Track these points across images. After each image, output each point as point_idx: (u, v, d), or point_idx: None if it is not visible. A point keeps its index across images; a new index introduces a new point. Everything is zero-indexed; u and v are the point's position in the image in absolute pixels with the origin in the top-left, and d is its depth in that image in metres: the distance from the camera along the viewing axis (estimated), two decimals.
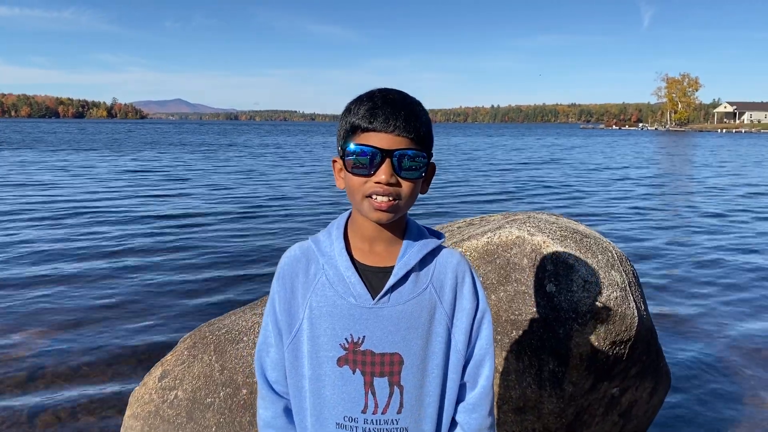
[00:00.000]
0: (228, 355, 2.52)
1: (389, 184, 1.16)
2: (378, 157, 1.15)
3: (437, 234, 1.33)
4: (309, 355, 1.26)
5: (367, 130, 1.16)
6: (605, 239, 2.75)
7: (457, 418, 1.33)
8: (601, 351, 2.43)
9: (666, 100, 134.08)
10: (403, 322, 1.24)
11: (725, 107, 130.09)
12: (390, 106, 1.16)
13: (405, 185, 1.18)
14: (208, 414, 2.41)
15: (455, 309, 1.29)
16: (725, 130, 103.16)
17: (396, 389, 1.25)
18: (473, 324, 1.30)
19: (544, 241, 2.52)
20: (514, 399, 2.46)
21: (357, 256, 1.26)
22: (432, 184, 1.31)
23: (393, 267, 1.24)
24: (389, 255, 1.26)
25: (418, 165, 1.18)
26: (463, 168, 23.81)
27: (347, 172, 1.20)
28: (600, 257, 2.52)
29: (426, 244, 1.28)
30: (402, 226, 1.28)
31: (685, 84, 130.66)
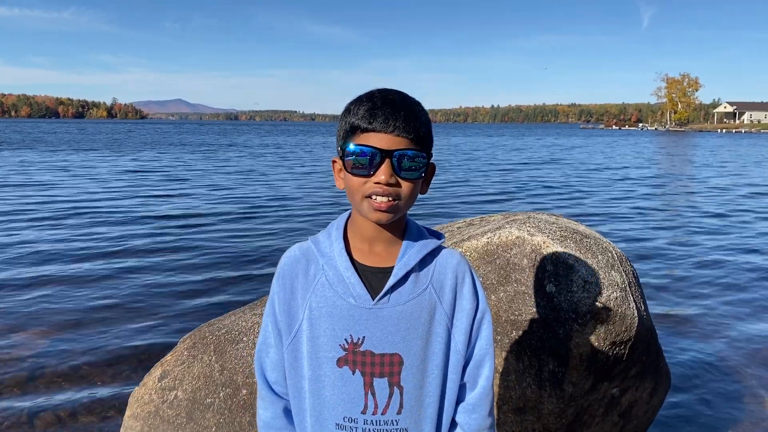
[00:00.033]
0: (228, 356, 2.51)
1: (389, 184, 1.16)
2: (378, 158, 1.15)
3: (437, 234, 1.33)
4: (309, 356, 1.26)
5: (367, 130, 1.16)
6: (605, 239, 2.75)
7: (457, 418, 1.33)
8: (601, 351, 2.43)
9: (666, 100, 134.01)
10: (403, 322, 1.23)
11: (725, 107, 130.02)
12: (390, 106, 1.16)
13: (405, 185, 1.18)
14: (207, 414, 2.41)
15: (455, 309, 1.29)
16: (725, 130, 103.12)
17: (396, 390, 1.25)
18: (473, 324, 1.30)
19: (544, 242, 2.52)
20: (514, 399, 2.46)
21: (357, 256, 1.26)
22: (432, 184, 1.31)
23: (393, 267, 1.24)
24: (389, 255, 1.26)
25: (417, 165, 1.18)
26: (463, 168, 23.81)
27: (347, 172, 1.20)
28: (600, 257, 2.52)
29: (426, 244, 1.28)
30: (402, 226, 1.28)
31: (685, 84, 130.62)
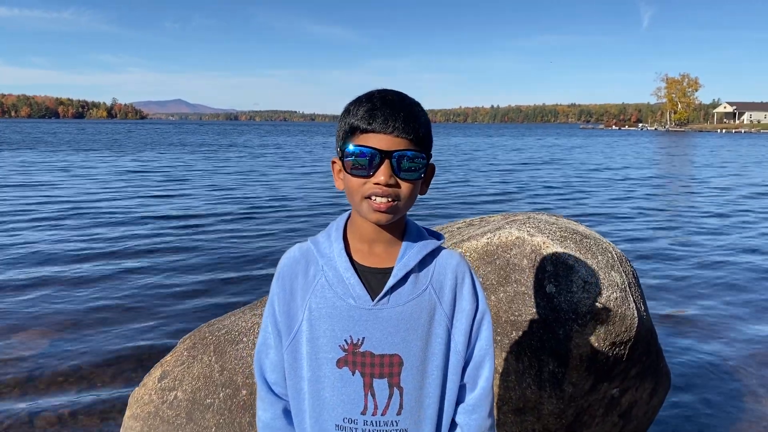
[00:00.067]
0: (228, 356, 2.51)
1: (388, 185, 1.16)
2: (377, 158, 1.15)
3: (437, 235, 1.33)
4: (308, 357, 1.25)
5: (366, 131, 1.16)
6: (605, 240, 2.75)
7: (457, 419, 1.33)
8: (601, 352, 2.43)
9: (666, 100, 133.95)
10: (403, 323, 1.23)
11: (725, 107, 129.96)
12: (389, 107, 1.16)
13: (404, 186, 1.18)
14: (207, 415, 2.41)
15: (455, 310, 1.29)
16: (725, 130, 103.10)
17: (396, 390, 1.24)
18: (473, 325, 1.30)
19: (543, 242, 2.52)
20: (513, 400, 2.46)
21: (356, 257, 1.26)
22: (432, 184, 1.31)
23: (392, 268, 1.24)
24: (388, 256, 1.26)
25: (417, 166, 1.18)
26: (464, 168, 23.81)
27: (346, 173, 1.20)
28: (600, 258, 2.52)
29: (425, 245, 1.27)
30: (401, 227, 1.28)
31: (685, 84, 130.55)
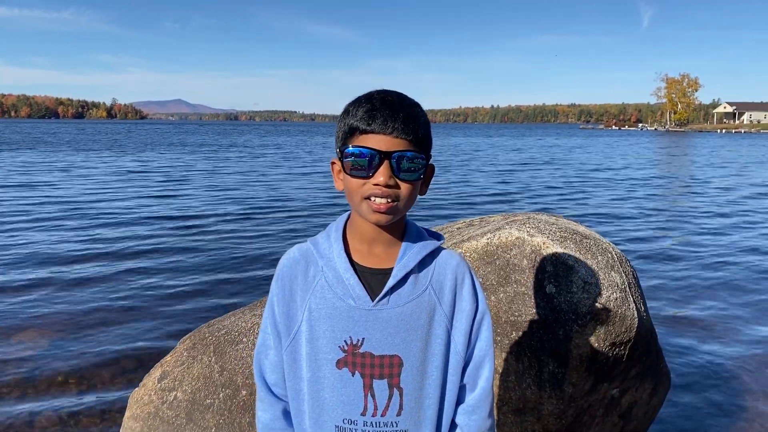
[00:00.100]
0: (228, 356, 2.51)
1: (388, 186, 1.16)
2: (376, 159, 1.15)
3: (436, 235, 1.33)
4: (308, 358, 1.25)
5: (366, 132, 1.16)
6: (605, 240, 2.75)
7: (457, 419, 1.33)
8: (601, 352, 2.43)
9: (665, 100, 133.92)
10: (403, 324, 1.23)
11: (725, 107, 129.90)
12: (388, 108, 1.16)
13: (404, 187, 1.18)
14: (207, 415, 2.41)
15: (455, 311, 1.29)
16: (725, 130, 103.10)
17: (395, 391, 1.24)
18: (473, 326, 1.30)
19: (543, 242, 2.52)
20: (513, 400, 2.46)
21: (356, 257, 1.26)
22: (432, 184, 1.31)
23: (392, 269, 1.24)
24: (388, 257, 1.25)
25: (416, 167, 1.18)
26: (464, 168, 23.81)
27: (346, 174, 1.19)
28: (600, 258, 2.52)
29: (425, 245, 1.27)
30: (401, 227, 1.28)
31: (685, 84, 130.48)
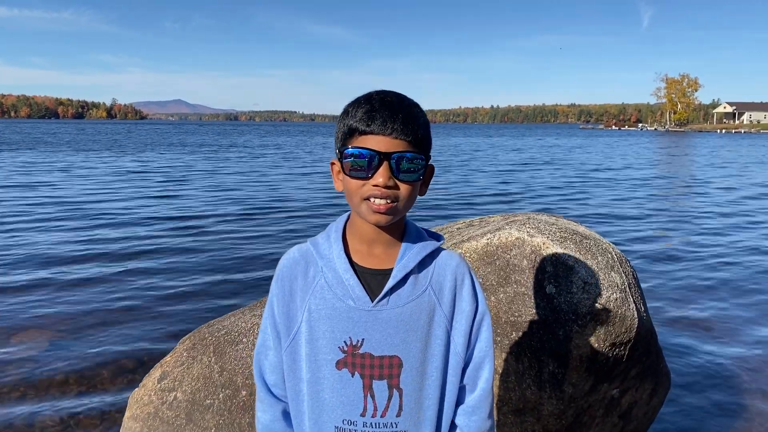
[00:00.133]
0: (227, 357, 2.51)
1: (387, 186, 1.15)
2: (376, 160, 1.15)
3: (436, 236, 1.32)
4: (307, 358, 1.25)
5: (365, 133, 1.16)
6: (605, 240, 2.75)
7: (457, 420, 1.33)
8: (601, 352, 2.43)
9: (665, 100, 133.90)
10: (402, 324, 1.23)
11: (725, 107, 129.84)
12: (388, 108, 1.16)
13: (403, 188, 1.18)
14: (207, 415, 2.41)
15: (454, 311, 1.29)
16: (725, 130, 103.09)
17: (395, 392, 1.24)
18: (472, 326, 1.30)
19: (543, 243, 2.52)
20: (513, 401, 2.46)
21: (356, 258, 1.25)
22: (432, 184, 1.30)
23: (392, 269, 1.24)
24: (388, 257, 1.25)
25: (416, 167, 1.18)
26: (464, 168, 23.81)
27: (345, 174, 1.19)
28: (600, 258, 2.51)
29: (425, 246, 1.27)
30: (401, 228, 1.28)
31: (685, 84, 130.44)
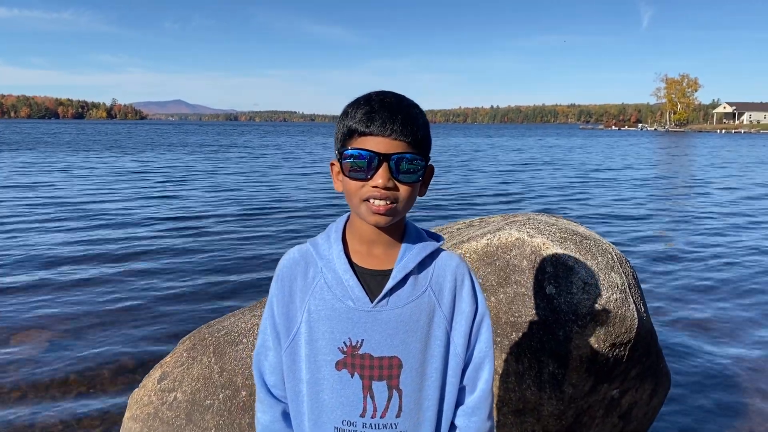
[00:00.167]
0: (227, 357, 2.51)
1: (387, 188, 1.15)
2: (375, 161, 1.15)
3: (436, 237, 1.32)
4: (307, 359, 1.25)
5: (365, 134, 1.16)
6: (605, 241, 2.75)
7: (456, 421, 1.33)
8: (601, 353, 2.43)
9: (665, 100, 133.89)
10: (402, 325, 1.23)
11: (724, 108, 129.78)
12: (387, 110, 1.16)
13: (403, 189, 1.18)
14: (207, 416, 2.41)
15: (454, 312, 1.29)
16: (725, 130, 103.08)
17: (395, 393, 1.24)
18: (472, 327, 1.30)
19: (543, 243, 2.52)
20: (513, 401, 2.46)
21: (355, 259, 1.25)
22: (432, 185, 1.30)
23: (391, 270, 1.23)
24: (388, 258, 1.25)
25: (415, 168, 1.18)
26: (464, 168, 23.81)
27: (345, 175, 1.19)
28: (600, 259, 2.51)
29: (425, 246, 1.27)
30: (401, 228, 1.28)
31: (685, 84, 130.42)
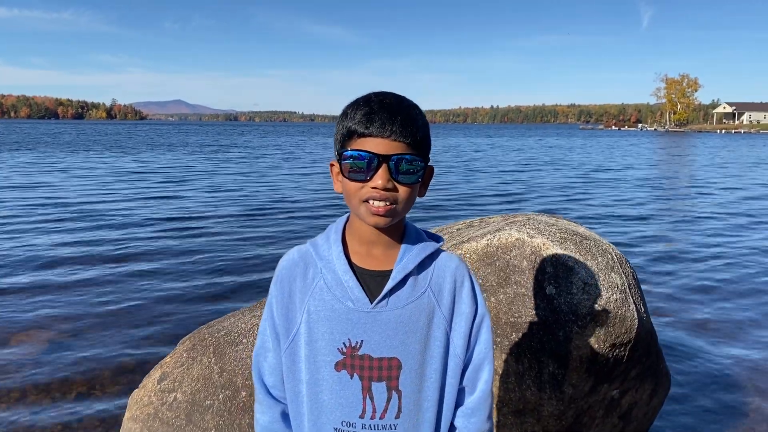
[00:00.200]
0: (227, 357, 2.51)
1: (386, 189, 1.15)
2: (375, 162, 1.15)
3: (436, 237, 1.32)
4: (306, 360, 1.25)
5: (364, 135, 1.16)
6: (605, 241, 2.75)
7: (456, 422, 1.33)
8: (601, 353, 2.42)
9: (665, 100, 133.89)
10: (402, 326, 1.23)
11: (724, 108, 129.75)
12: (386, 110, 1.16)
13: (402, 190, 1.17)
14: (207, 416, 2.41)
15: (454, 313, 1.29)
16: (724, 130, 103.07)
17: (394, 394, 1.24)
18: (472, 328, 1.30)
19: (543, 244, 2.52)
20: (513, 401, 2.46)
21: (355, 260, 1.25)
22: (432, 185, 1.30)
23: (391, 271, 1.23)
24: (387, 259, 1.25)
25: (415, 169, 1.18)
26: (464, 169, 23.81)
27: (344, 176, 1.19)
28: (600, 259, 2.51)
29: (424, 247, 1.27)
30: (400, 229, 1.28)
31: (685, 84, 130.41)
